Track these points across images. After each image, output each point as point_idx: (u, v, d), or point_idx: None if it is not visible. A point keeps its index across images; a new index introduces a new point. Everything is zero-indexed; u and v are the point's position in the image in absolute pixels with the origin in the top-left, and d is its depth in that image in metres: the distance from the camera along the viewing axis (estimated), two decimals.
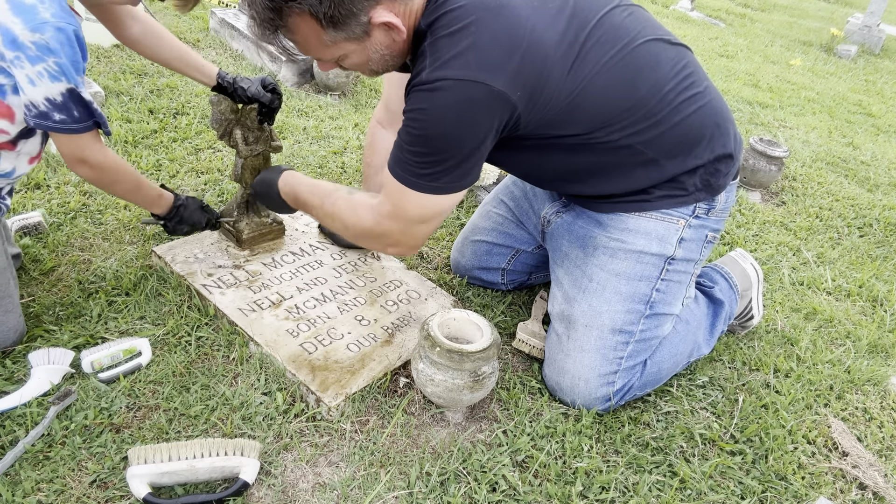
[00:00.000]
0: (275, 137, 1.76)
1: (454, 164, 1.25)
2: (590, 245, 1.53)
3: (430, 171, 1.25)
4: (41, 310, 1.55)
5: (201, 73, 1.65)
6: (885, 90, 5.62)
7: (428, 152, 1.24)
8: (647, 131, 1.35)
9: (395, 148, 1.29)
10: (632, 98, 1.32)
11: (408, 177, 1.27)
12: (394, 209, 1.33)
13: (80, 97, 1.25)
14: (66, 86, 1.22)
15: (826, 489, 1.46)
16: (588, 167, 1.43)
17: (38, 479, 1.18)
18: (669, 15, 7.13)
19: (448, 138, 1.22)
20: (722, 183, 1.49)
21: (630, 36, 1.32)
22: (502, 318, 1.81)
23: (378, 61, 1.30)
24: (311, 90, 3.17)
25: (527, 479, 1.35)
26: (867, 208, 2.97)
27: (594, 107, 1.30)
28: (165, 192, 1.58)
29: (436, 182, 1.27)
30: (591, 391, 1.50)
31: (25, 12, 1.14)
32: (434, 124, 1.20)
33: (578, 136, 1.34)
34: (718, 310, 1.73)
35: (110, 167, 1.39)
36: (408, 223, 1.34)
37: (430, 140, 1.23)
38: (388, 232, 1.36)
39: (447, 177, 1.26)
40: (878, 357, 1.96)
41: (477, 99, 1.17)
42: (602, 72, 1.27)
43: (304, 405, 1.42)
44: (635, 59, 1.31)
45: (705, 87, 1.43)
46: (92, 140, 1.33)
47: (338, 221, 1.44)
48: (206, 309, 1.60)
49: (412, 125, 1.23)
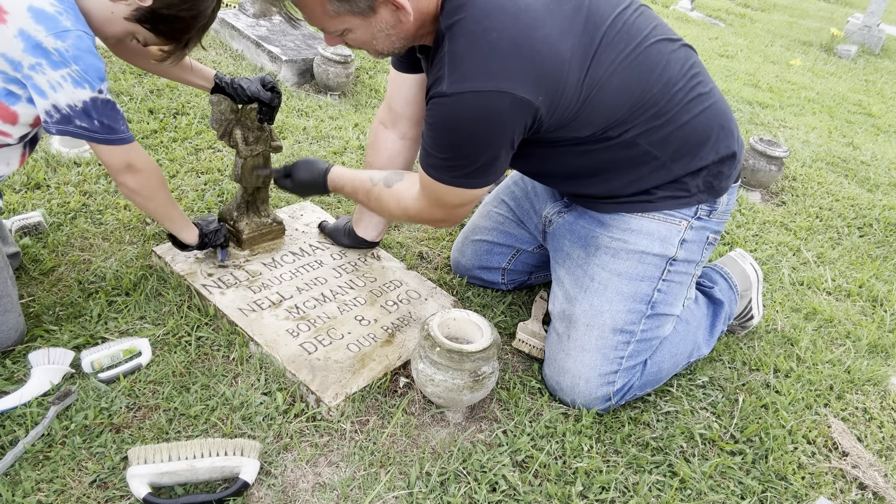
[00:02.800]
0: (275, 137, 1.76)
1: (483, 164, 1.30)
2: (592, 245, 1.53)
3: (460, 171, 1.32)
4: (41, 310, 1.55)
5: (198, 76, 1.64)
6: (885, 90, 5.62)
7: (457, 157, 1.30)
8: (657, 131, 1.36)
9: (423, 151, 1.35)
10: (644, 96, 1.33)
11: (442, 175, 1.34)
12: (435, 200, 1.41)
13: (108, 102, 1.26)
14: (90, 94, 1.23)
15: (826, 489, 1.46)
16: (597, 166, 1.43)
17: (38, 479, 1.18)
18: (669, 15, 7.13)
19: (475, 145, 1.27)
20: (724, 185, 1.49)
21: (642, 35, 1.33)
22: (502, 318, 1.81)
23: (383, 41, 1.30)
24: (311, 90, 3.17)
25: (527, 479, 1.34)
26: (867, 208, 2.97)
27: (608, 106, 1.31)
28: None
29: (468, 179, 1.34)
30: (591, 391, 1.50)
31: (48, 20, 1.17)
32: (461, 134, 1.25)
33: (592, 136, 1.35)
34: (718, 310, 1.73)
35: (155, 171, 1.42)
36: (450, 209, 1.43)
37: (459, 147, 1.28)
38: (434, 216, 1.47)
39: (478, 174, 1.33)
40: (878, 357, 1.96)
41: (501, 108, 1.20)
42: (616, 72, 1.28)
43: (304, 405, 1.42)
44: (647, 58, 1.32)
45: (711, 88, 1.44)
46: (134, 145, 1.35)
47: (385, 211, 1.56)
48: (206, 309, 1.60)
49: (439, 135, 1.28)
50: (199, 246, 1.65)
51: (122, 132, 1.31)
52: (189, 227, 1.61)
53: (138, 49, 1.49)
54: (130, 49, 1.51)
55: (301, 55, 3.19)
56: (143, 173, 1.38)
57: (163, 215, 1.54)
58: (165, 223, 1.58)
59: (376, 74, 3.51)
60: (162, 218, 1.55)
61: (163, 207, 1.51)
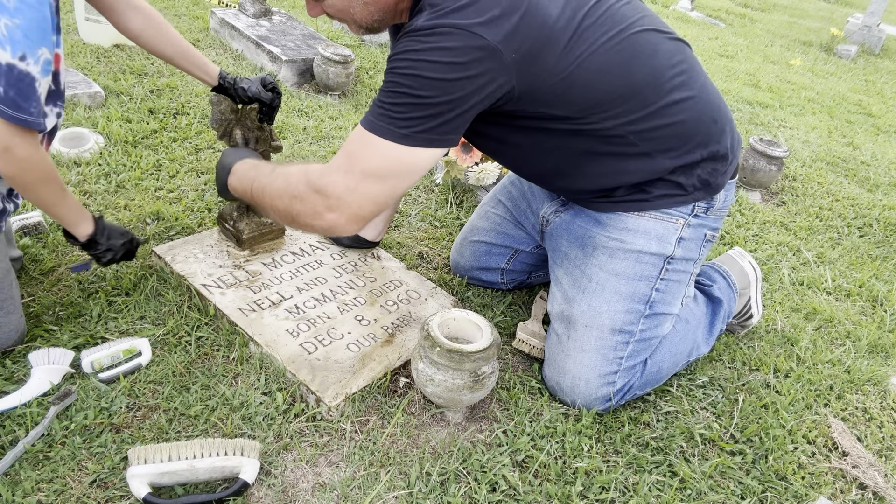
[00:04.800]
0: (275, 137, 1.76)
1: (432, 113, 1.16)
2: (589, 245, 1.53)
3: (404, 115, 1.16)
4: (41, 310, 1.55)
5: (203, 71, 1.64)
6: (885, 90, 5.62)
7: (408, 94, 1.15)
8: (641, 121, 1.35)
9: (373, 101, 1.21)
10: (627, 84, 1.31)
11: (377, 122, 1.18)
12: (347, 159, 1.20)
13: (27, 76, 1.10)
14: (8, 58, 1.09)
15: (826, 489, 1.46)
16: (581, 155, 1.41)
17: (38, 479, 1.19)
18: (669, 15, 7.13)
19: (433, 83, 1.14)
20: (720, 182, 1.49)
21: (628, 22, 1.31)
22: (502, 318, 1.81)
23: (360, 10, 1.28)
24: (311, 90, 3.18)
25: (527, 479, 1.35)
26: (867, 208, 2.97)
27: (588, 87, 1.28)
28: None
29: (406, 129, 1.16)
30: (591, 391, 1.50)
31: None
32: (422, 66, 1.14)
33: (571, 118, 1.32)
34: (717, 308, 1.73)
35: (38, 165, 1.23)
36: (359, 177, 1.19)
37: (413, 81, 1.15)
38: (331, 185, 1.20)
39: (421, 126, 1.17)
40: (878, 357, 1.96)
41: (470, 49, 1.14)
42: (599, 52, 1.26)
43: (304, 405, 1.42)
44: (632, 44, 1.30)
45: (701, 84, 1.42)
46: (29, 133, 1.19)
47: (279, 181, 1.29)
48: (206, 309, 1.60)
49: (398, 66, 1.17)
50: (85, 245, 1.47)
51: (25, 112, 1.14)
52: (81, 223, 1.43)
53: (157, 34, 1.48)
54: (158, 35, 1.50)
55: (301, 55, 3.19)
56: (20, 164, 1.20)
57: (45, 209, 1.36)
58: (52, 216, 1.41)
59: (376, 74, 3.50)
60: (46, 211, 1.37)
61: (44, 203, 1.33)
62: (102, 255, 1.49)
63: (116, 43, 3.07)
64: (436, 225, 2.23)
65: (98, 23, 2.97)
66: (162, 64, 2.98)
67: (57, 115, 1.35)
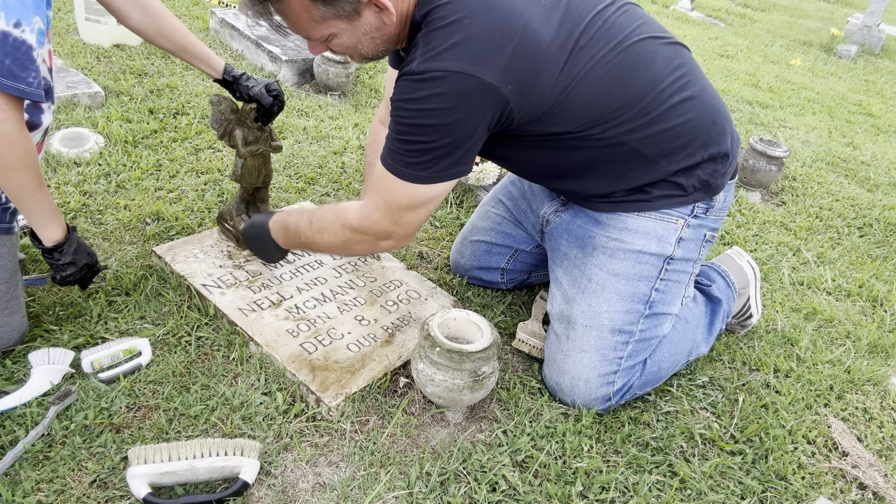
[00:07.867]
0: (275, 137, 1.76)
1: (442, 153, 1.24)
2: (589, 245, 1.53)
3: (417, 160, 1.25)
4: (41, 310, 1.55)
5: (207, 64, 1.62)
6: (885, 90, 5.62)
7: (416, 141, 1.23)
8: (642, 129, 1.35)
9: (387, 139, 1.29)
10: (625, 95, 1.32)
11: (397, 166, 1.27)
12: (382, 199, 1.31)
13: (23, 44, 1.04)
14: (3, 26, 1.04)
15: (826, 489, 1.46)
16: (582, 164, 1.43)
17: (38, 479, 1.19)
18: (669, 15, 7.13)
19: (436, 128, 1.21)
20: (720, 183, 1.49)
21: (624, 34, 1.32)
22: (502, 318, 1.81)
23: (368, 44, 1.29)
24: (311, 90, 3.17)
25: (527, 479, 1.35)
26: (867, 208, 2.97)
27: (587, 103, 1.30)
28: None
29: (424, 171, 1.26)
30: (591, 391, 1.50)
31: None
32: (422, 114, 1.20)
33: (571, 133, 1.34)
34: (716, 308, 1.73)
35: (20, 145, 1.13)
36: (397, 212, 1.32)
37: (418, 129, 1.22)
38: (377, 224, 1.34)
39: (436, 166, 1.26)
40: (878, 357, 1.96)
41: (466, 91, 1.17)
42: (595, 68, 1.27)
43: (304, 405, 1.42)
44: (629, 56, 1.31)
45: (700, 86, 1.43)
46: (15, 108, 1.10)
47: (327, 233, 1.40)
48: (206, 309, 1.60)
49: (401, 114, 1.23)
50: (48, 251, 1.37)
51: (23, 83, 1.08)
52: (52, 226, 1.34)
53: (167, 28, 1.47)
54: (160, 28, 1.49)
55: (301, 55, 3.19)
56: (1, 141, 1.11)
57: (18, 200, 1.25)
58: (23, 211, 1.29)
59: (376, 74, 3.50)
60: (19, 203, 1.26)
61: (18, 191, 1.22)
62: (64, 268, 1.39)
63: (116, 43, 3.07)
64: (436, 225, 2.23)
65: (98, 23, 2.97)
66: (162, 64, 2.98)
67: (51, 112, 1.34)
